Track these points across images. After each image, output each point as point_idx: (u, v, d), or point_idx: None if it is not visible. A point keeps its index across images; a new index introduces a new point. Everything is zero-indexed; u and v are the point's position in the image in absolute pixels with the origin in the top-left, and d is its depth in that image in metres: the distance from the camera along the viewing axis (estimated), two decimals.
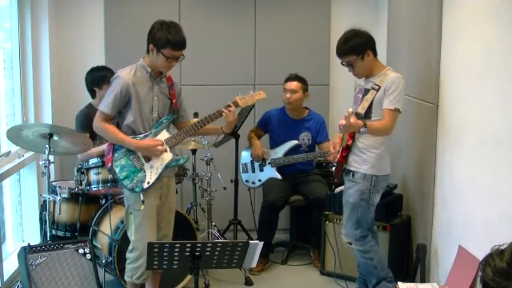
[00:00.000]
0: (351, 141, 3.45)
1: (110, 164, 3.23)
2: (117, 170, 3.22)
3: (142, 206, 3.18)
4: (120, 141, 3.24)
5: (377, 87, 3.37)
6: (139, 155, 3.25)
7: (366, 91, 3.44)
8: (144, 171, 3.23)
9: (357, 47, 3.36)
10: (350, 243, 3.56)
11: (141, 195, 3.19)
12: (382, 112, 3.35)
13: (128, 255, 3.31)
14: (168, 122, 3.36)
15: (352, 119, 3.05)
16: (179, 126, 3.49)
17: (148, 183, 3.21)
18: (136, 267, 3.26)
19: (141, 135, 3.27)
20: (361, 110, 3.38)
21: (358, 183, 3.45)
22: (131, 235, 3.28)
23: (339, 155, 3.50)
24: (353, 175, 3.47)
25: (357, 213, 3.47)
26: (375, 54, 3.44)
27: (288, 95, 4.48)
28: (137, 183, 3.21)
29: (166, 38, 3.14)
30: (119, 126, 3.31)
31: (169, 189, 3.43)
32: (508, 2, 2.72)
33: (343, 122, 3.05)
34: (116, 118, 3.31)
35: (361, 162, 3.44)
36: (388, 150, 3.52)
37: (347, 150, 3.48)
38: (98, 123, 3.26)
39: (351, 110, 3.09)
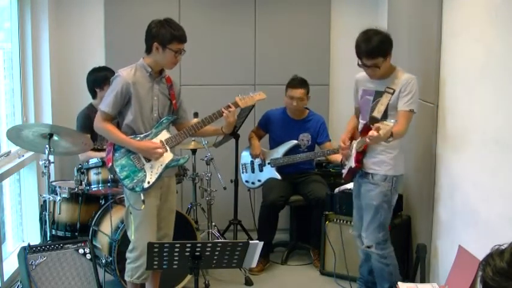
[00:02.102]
0: (367, 145, 3.37)
1: (110, 164, 3.24)
2: (117, 169, 3.22)
3: (143, 206, 3.18)
4: (121, 142, 3.24)
5: (391, 90, 3.31)
6: (139, 155, 3.26)
7: (378, 93, 3.38)
8: (145, 171, 3.24)
9: (384, 48, 3.28)
10: (369, 247, 3.49)
11: (142, 195, 3.19)
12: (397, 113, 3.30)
13: (128, 254, 3.31)
14: (168, 122, 3.36)
15: (382, 132, 2.96)
16: (179, 126, 3.49)
17: (148, 182, 3.21)
18: (136, 267, 3.26)
19: (142, 135, 3.27)
20: (377, 114, 3.32)
21: (379, 185, 3.39)
22: (131, 235, 3.28)
23: (354, 160, 3.43)
24: (372, 177, 3.41)
25: (380, 216, 3.40)
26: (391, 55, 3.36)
27: (294, 103, 4.46)
28: (137, 182, 3.21)
29: (172, 33, 3.17)
30: (119, 125, 3.31)
31: (170, 189, 3.43)
32: (508, 2, 2.72)
33: (375, 133, 2.97)
34: (117, 118, 3.31)
35: (380, 164, 3.39)
36: (402, 150, 3.48)
37: (362, 154, 3.42)
38: (98, 124, 3.26)
39: (392, 124, 2.99)
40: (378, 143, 3.24)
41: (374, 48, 3.25)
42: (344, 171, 3.62)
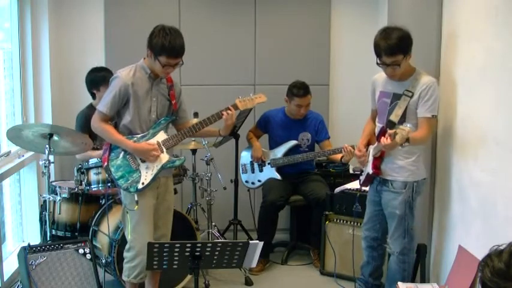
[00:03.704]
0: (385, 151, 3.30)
1: (106, 163, 3.24)
2: (112, 169, 3.22)
3: (136, 207, 3.18)
4: (117, 142, 3.24)
5: (410, 93, 3.20)
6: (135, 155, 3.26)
7: (396, 96, 3.27)
8: (140, 172, 3.23)
9: (404, 45, 3.13)
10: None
11: (135, 195, 3.19)
12: (416, 118, 3.22)
13: (125, 254, 3.31)
14: (166, 123, 3.35)
15: (398, 138, 2.90)
16: (178, 126, 3.49)
17: (143, 183, 3.21)
18: (133, 267, 3.26)
19: (139, 136, 3.27)
20: (395, 118, 3.23)
21: (400, 193, 3.31)
22: (128, 234, 3.28)
23: (371, 166, 3.37)
24: (391, 184, 3.34)
25: (404, 223, 3.34)
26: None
27: (302, 111, 4.46)
28: (132, 183, 3.20)
29: (162, 45, 3.10)
30: (116, 125, 3.30)
31: (167, 189, 3.43)
32: (508, 2, 2.73)
33: (388, 141, 2.93)
34: (115, 118, 3.31)
35: (398, 170, 3.31)
36: (423, 154, 3.39)
37: (380, 159, 3.35)
38: (96, 123, 3.26)
39: (408, 128, 2.92)
40: (392, 149, 3.18)
41: (394, 44, 3.11)
42: (361, 178, 3.55)
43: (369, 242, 3.61)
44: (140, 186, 3.20)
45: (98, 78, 4.06)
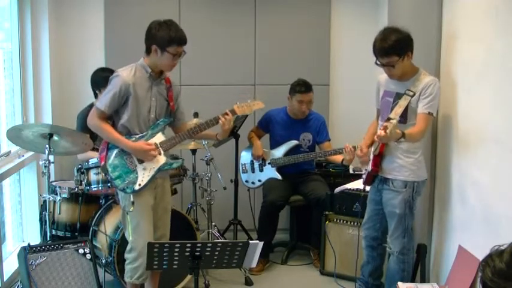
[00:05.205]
0: (383, 148, 3.32)
1: (103, 163, 3.23)
2: (109, 169, 3.21)
3: (132, 208, 3.17)
4: (115, 141, 3.22)
5: (411, 93, 3.23)
6: (132, 155, 3.25)
7: (398, 95, 3.30)
8: (137, 173, 3.23)
9: (400, 47, 3.16)
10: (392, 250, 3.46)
11: (131, 196, 3.19)
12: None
13: (126, 255, 3.31)
14: (164, 124, 3.35)
15: (388, 131, 2.92)
16: (176, 128, 3.48)
17: (139, 185, 3.20)
18: (135, 268, 3.25)
19: (137, 136, 3.26)
20: (394, 115, 3.23)
21: (400, 192, 3.32)
22: (129, 235, 3.28)
23: (371, 164, 3.39)
24: (392, 183, 3.35)
25: (404, 223, 3.35)
26: (412, 55, 3.25)
27: (304, 107, 4.46)
28: (128, 184, 3.20)
29: (170, 36, 3.14)
30: (114, 124, 3.29)
31: (165, 189, 3.42)
32: (508, 2, 2.73)
33: (383, 133, 2.94)
34: (112, 117, 3.30)
35: (399, 169, 3.32)
36: (423, 154, 3.39)
37: (379, 157, 3.36)
38: (92, 120, 3.25)
39: (395, 121, 2.97)
40: (387, 142, 3.19)
41: (388, 46, 3.14)
42: (363, 176, 3.56)
43: (369, 241, 3.62)
44: (137, 187, 3.20)
45: (99, 79, 4.06)
